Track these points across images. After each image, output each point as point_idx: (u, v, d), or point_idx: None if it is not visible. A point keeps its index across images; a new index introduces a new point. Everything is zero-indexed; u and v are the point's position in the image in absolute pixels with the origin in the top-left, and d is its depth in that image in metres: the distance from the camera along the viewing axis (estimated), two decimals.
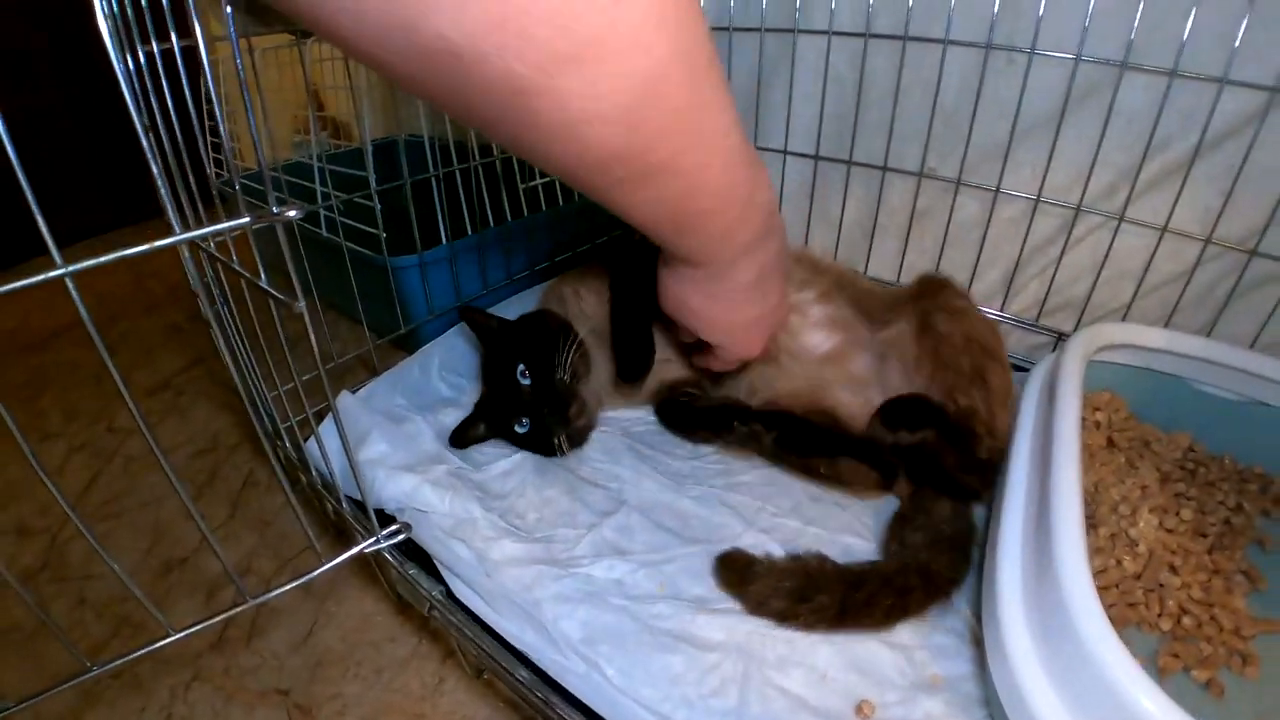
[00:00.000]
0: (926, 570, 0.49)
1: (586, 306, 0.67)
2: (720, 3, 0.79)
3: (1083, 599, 0.37)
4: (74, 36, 1.39)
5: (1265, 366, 0.58)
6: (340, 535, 0.52)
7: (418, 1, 0.25)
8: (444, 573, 0.52)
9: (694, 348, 0.60)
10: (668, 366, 0.67)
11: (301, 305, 0.32)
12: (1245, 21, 0.55)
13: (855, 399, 0.61)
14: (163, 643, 0.37)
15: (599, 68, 0.27)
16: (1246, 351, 0.59)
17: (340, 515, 0.49)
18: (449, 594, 0.50)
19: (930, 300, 0.61)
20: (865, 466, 0.56)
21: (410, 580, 0.49)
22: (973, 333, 0.58)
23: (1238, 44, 0.56)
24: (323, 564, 0.41)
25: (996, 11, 0.64)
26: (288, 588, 0.41)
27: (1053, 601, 0.39)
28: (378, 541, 0.44)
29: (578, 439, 0.63)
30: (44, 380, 0.95)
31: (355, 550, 0.43)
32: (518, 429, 0.62)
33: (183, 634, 0.38)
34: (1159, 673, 0.46)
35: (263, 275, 0.38)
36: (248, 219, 0.32)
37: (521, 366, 0.61)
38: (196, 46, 0.33)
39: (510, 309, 0.76)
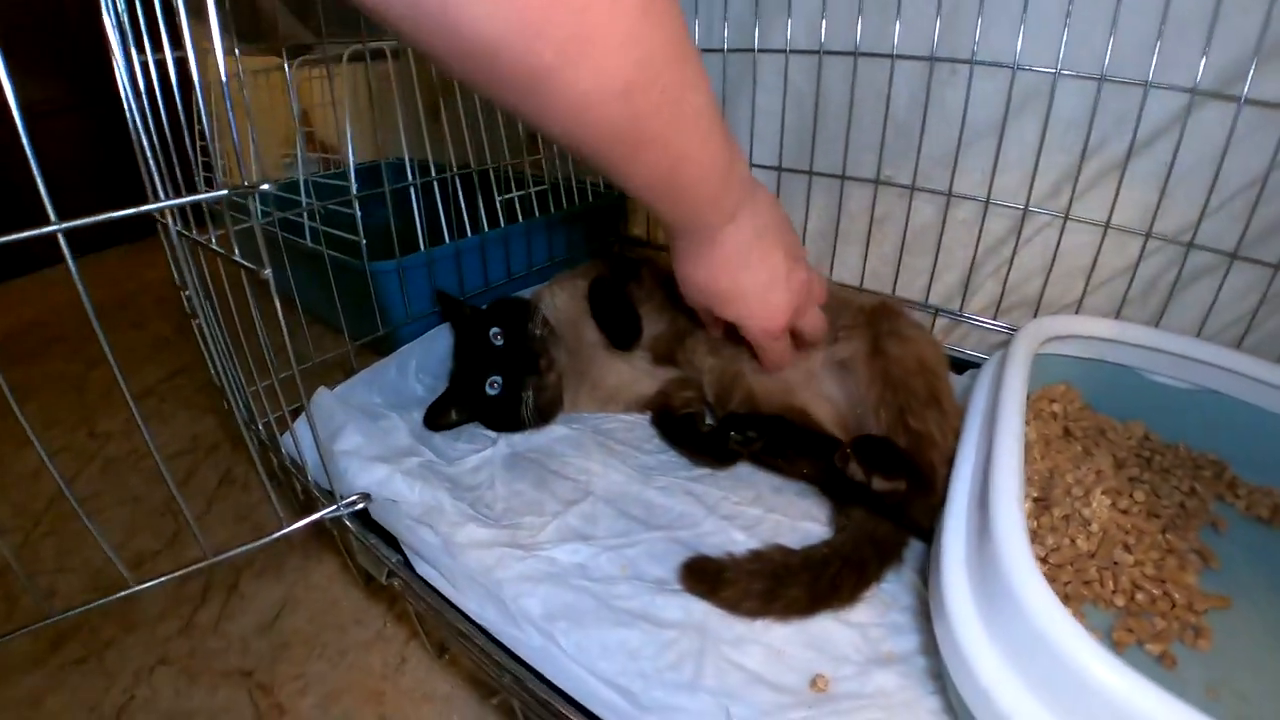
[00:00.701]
0: (874, 538, 0.51)
1: (559, 301, 0.70)
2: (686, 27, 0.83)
3: (1020, 563, 0.38)
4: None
5: (1212, 354, 0.60)
6: (310, 514, 0.54)
7: (461, 3, 0.31)
8: (410, 556, 0.53)
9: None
10: (641, 381, 0.69)
11: (268, 272, 0.35)
12: (1162, 29, 0.59)
13: (823, 404, 0.62)
14: (123, 593, 0.38)
15: (602, 54, 0.34)
16: (1194, 340, 0.61)
17: (308, 493, 0.51)
18: (408, 562, 0.51)
19: (882, 325, 0.61)
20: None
21: (370, 547, 0.50)
22: (924, 355, 0.58)
23: (1157, 51, 0.60)
24: (283, 527, 0.42)
25: (939, 27, 0.68)
26: (249, 547, 0.43)
27: (994, 571, 0.40)
28: (338, 509, 0.46)
29: (545, 411, 0.65)
30: (28, 391, 0.97)
31: (317, 515, 0.44)
32: (489, 390, 0.63)
33: (144, 585, 0.39)
34: (1115, 646, 0.47)
35: (236, 251, 0.40)
36: (225, 191, 0.35)
37: (495, 330, 0.64)
38: (187, 59, 0.36)
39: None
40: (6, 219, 0.34)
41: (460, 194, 0.81)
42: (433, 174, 0.80)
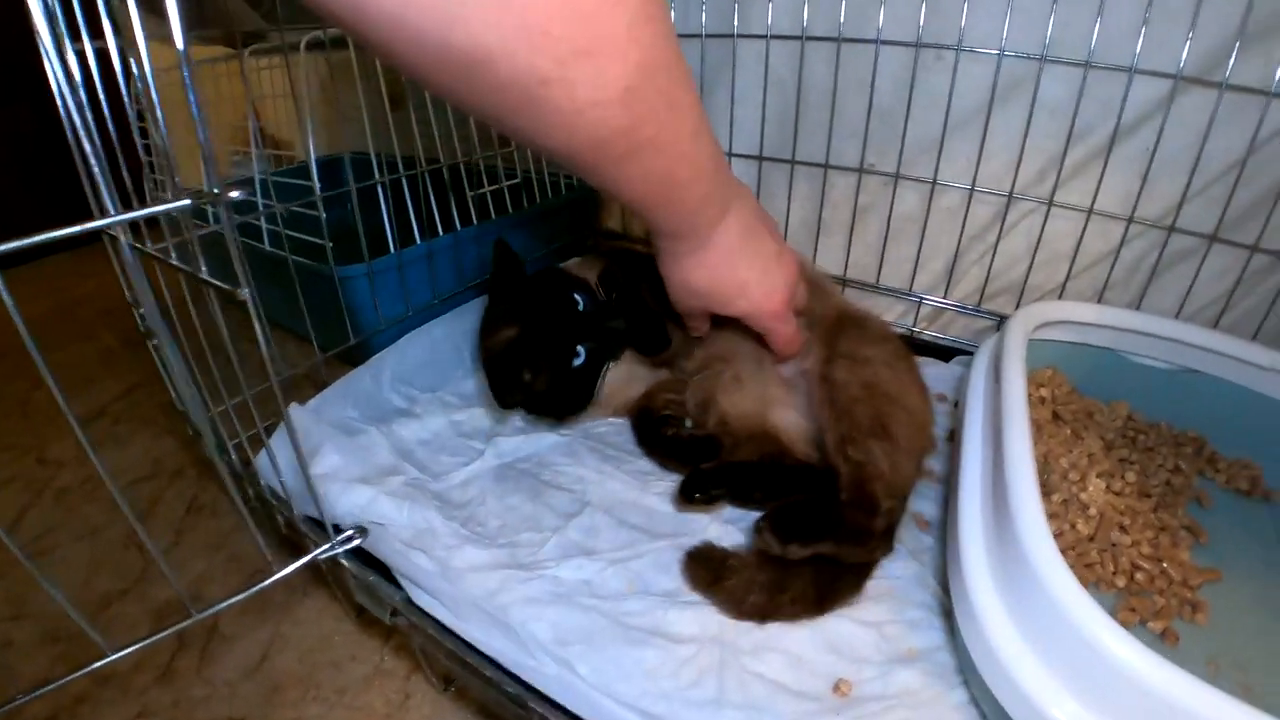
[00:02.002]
0: None
1: None
2: None
3: (1044, 552, 0.39)
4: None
5: (1191, 335, 0.61)
6: (294, 550, 0.50)
7: (457, 9, 0.28)
8: (404, 585, 0.50)
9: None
10: (633, 384, 0.66)
11: (246, 291, 0.31)
12: (1147, 14, 0.59)
13: (795, 424, 0.60)
14: (98, 664, 0.34)
15: (605, 59, 0.32)
16: (1174, 321, 0.63)
17: (293, 528, 0.47)
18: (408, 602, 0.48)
19: (838, 344, 0.57)
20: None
21: (370, 586, 0.47)
22: (874, 380, 0.54)
23: (1142, 35, 0.60)
24: (274, 572, 0.39)
25: (924, 12, 0.67)
26: (239, 598, 0.39)
27: (1016, 561, 0.40)
28: (333, 547, 0.42)
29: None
30: None
31: (310, 556, 0.41)
32: (575, 362, 0.58)
33: (121, 654, 0.36)
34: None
35: (204, 269, 0.36)
36: (187, 201, 0.31)
37: (577, 295, 0.59)
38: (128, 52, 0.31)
39: (467, 317, 0.75)
40: None
41: (430, 190, 0.77)
42: (400, 169, 0.75)
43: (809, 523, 0.49)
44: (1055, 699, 0.36)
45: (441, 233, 0.79)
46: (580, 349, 0.58)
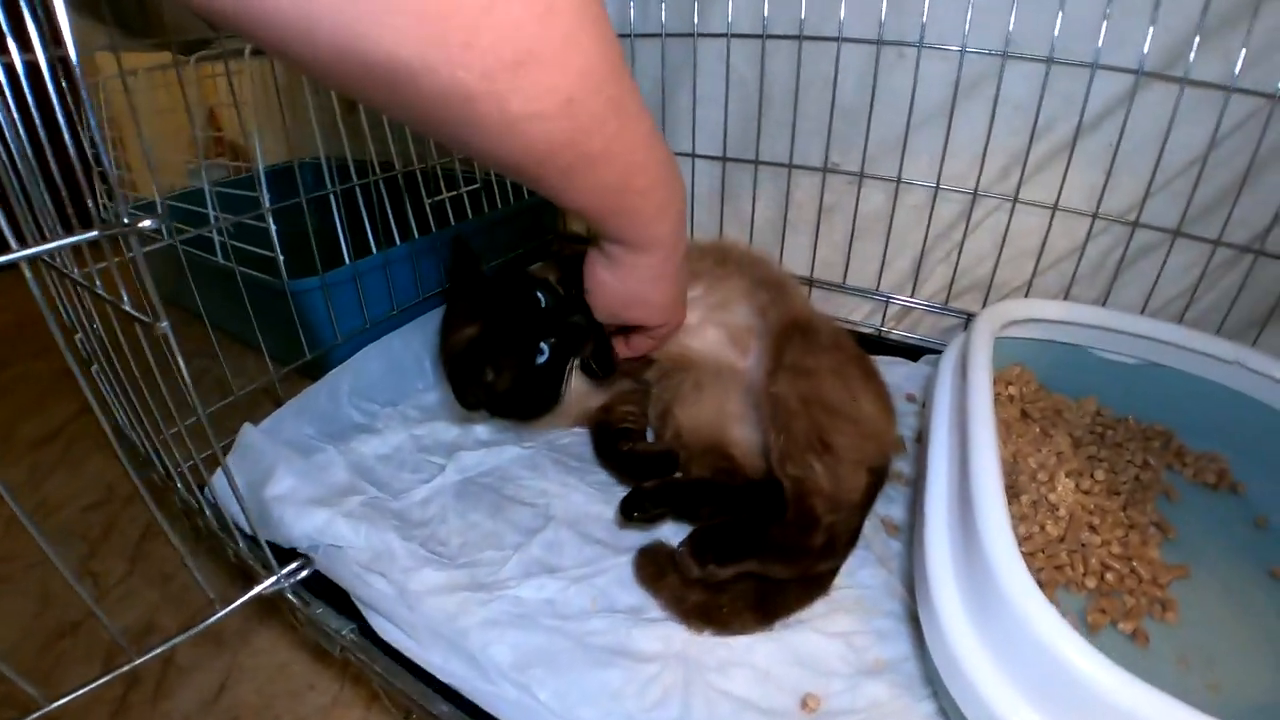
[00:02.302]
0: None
1: None
2: (621, 10, 0.79)
3: (1008, 562, 0.38)
4: None
5: (1156, 330, 0.61)
6: (248, 579, 0.48)
7: (368, 23, 0.26)
8: (363, 609, 0.49)
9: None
10: (594, 394, 0.64)
11: (165, 325, 0.29)
12: (1107, 10, 0.58)
13: (745, 434, 0.59)
14: (35, 715, 0.32)
15: (538, 71, 0.30)
16: (1138, 317, 0.63)
17: (241, 557, 0.45)
18: (363, 630, 0.46)
19: (783, 352, 0.56)
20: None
21: (316, 620, 0.45)
22: (813, 393, 0.53)
23: (1103, 32, 0.59)
24: (217, 610, 0.37)
25: (885, 9, 0.66)
26: (179, 639, 0.37)
27: (980, 570, 0.39)
28: (278, 580, 0.40)
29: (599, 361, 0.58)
30: None
31: (252, 593, 0.39)
32: (538, 360, 0.55)
33: (58, 703, 0.34)
34: (1089, 629, 0.48)
35: (126, 300, 0.35)
36: (95, 232, 0.29)
37: (539, 293, 0.56)
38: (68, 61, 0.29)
39: (427, 327, 0.74)
40: None
41: (385, 198, 0.75)
42: (353, 175, 0.73)
43: (732, 542, 0.48)
44: (1018, 711, 0.36)
45: (399, 241, 0.76)
46: (544, 345, 0.55)
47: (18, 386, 0.98)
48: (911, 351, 0.74)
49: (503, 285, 0.58)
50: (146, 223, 0.28)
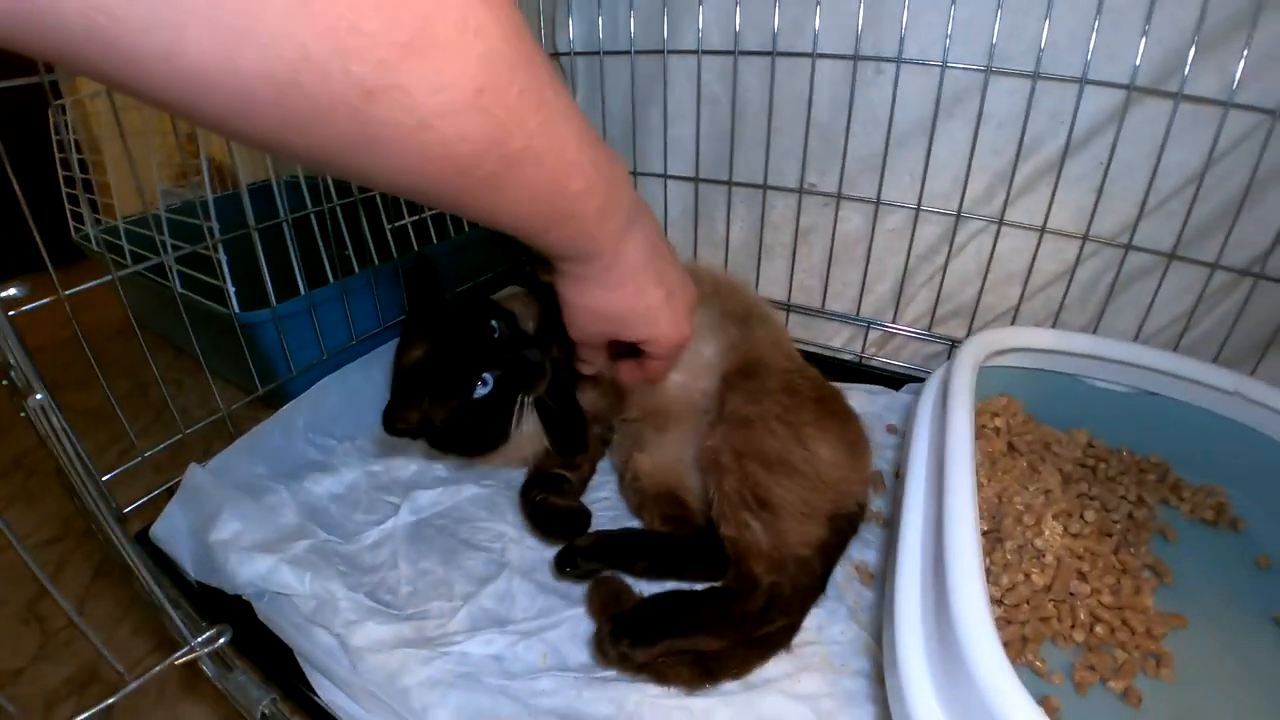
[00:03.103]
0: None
1: None
2: (589, 27, 0.76)
3: (979, 639, 0.35)
4: None
5: (1150, 358, 0.58)
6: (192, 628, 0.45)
7: (239, 21, 0.23)
8: (302, 664, 0.46)
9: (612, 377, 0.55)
10: (538, 438, 0.60)
11: (39, 398, 0.27)
12: (1097, 23, 0.55)
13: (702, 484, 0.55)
14: None
15: (438, 54, 0.27)
16: (1131, 344, 0.60)
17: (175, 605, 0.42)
18: (289, 693, 0.44)
19: (724, 403, 0.53)
20: (704, 573, 0.51)
21: (233, 692, 0.42)
22: (749, 446, 0.49)
23: (1092, 45, 0.56)
24: (127, 683, 0.34)
25: (862, 23, 0.63)
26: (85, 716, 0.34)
27: (950, 640, 0.36)
28: (192, 649, 0.38)
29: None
30: None
31: (163, 664, 0.36)
32: (479, 390, 0.52)
33: None
34: (1076, 688, 0.45)
35: (12, 359, 0.32)
36: None
37: (495, 322, 0.54)
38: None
39: (386, 357, 0.70)
40: None
41: (343, 223, 0.72)
42: (306, 201, 0.70)
43: (656, 620, 0.45)
44: None
45: (358, 269, 0.74)
46: (488, 377, 0.52)
47: None
48: (894, 380, 0.71)
49: (458, 309, 0.55)
50: (10, 291, 0.25)
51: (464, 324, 0.54)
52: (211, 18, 0.22)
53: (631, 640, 0.44)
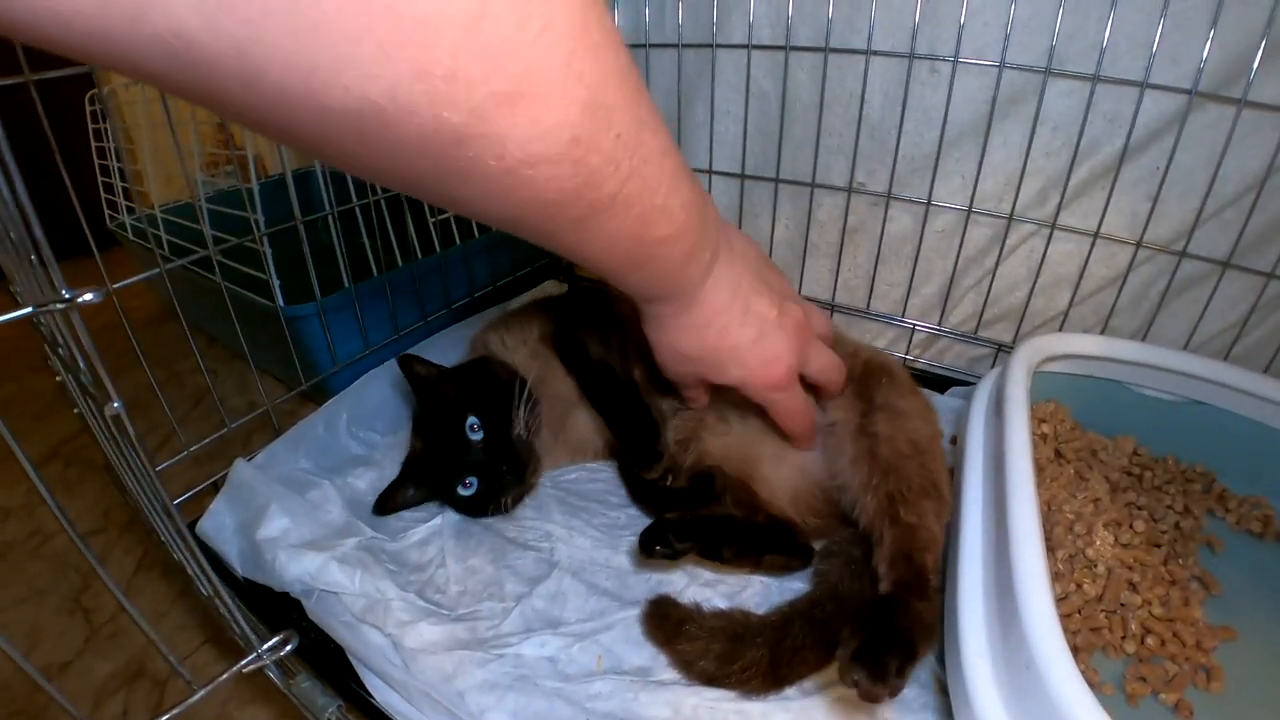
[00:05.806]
0: (838, 594, 0.47)
1: (518, 359, 0.61)
2: (635, 19, 0.75)
3: (1049, 645, 0.35)
4: None
5: (1199, 366, 0.58)
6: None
7: (324, 56, 0.21)
8: (355, 664, 0.46)
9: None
10: (602, 428, 0.61)
11: (117, 406, 0.26)
12: (1161, 26, 0.54)
13: (780, 475, 0.55)
14: None
15: (538, 105, 0.25)
16: (1181, 353, 0.59)
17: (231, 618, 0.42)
18: (351, 700, 0.44)
19: (874, 395, 0.53)
20: (784, 558, 0.51)
21: (299, 698, 0.42)
22: (918, 436, 0.50)
23: (1155, 48, 0.55)
24: (195, 692, 0.34)
25: (918, 21, 0.62)
26: None
27: (1017, 647, 0.36)
28: (259, 656, 0.37)
29: (518, 500, 0.58)
30: None
31: (230, 672, 0.36)
32: (462, 491, 0.55)
33: None
34: (1128, 699, 0.45)
35: (81, 363, 0.32)
36: (30, 309, 0.26)
37: (473, 420, 0.55)
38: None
39: (432, 350, 0.71)
40: None
41: (387, 216, 0.71)
42: (352, 194, 0.69)
43: (886, 645, 0.40)
44: None
45: (401, 262, 0.73)
46: (471, 480, 0.55)
47: (15, 403, 0.96)
48: (938, 383, 0.71)
49: (441, 407, 0.58)
50: (88, 296, 0.25)
51: (442, 428, 0.56)
52: (296, 55, 0.21)
53: (870, 674, 0.38)
